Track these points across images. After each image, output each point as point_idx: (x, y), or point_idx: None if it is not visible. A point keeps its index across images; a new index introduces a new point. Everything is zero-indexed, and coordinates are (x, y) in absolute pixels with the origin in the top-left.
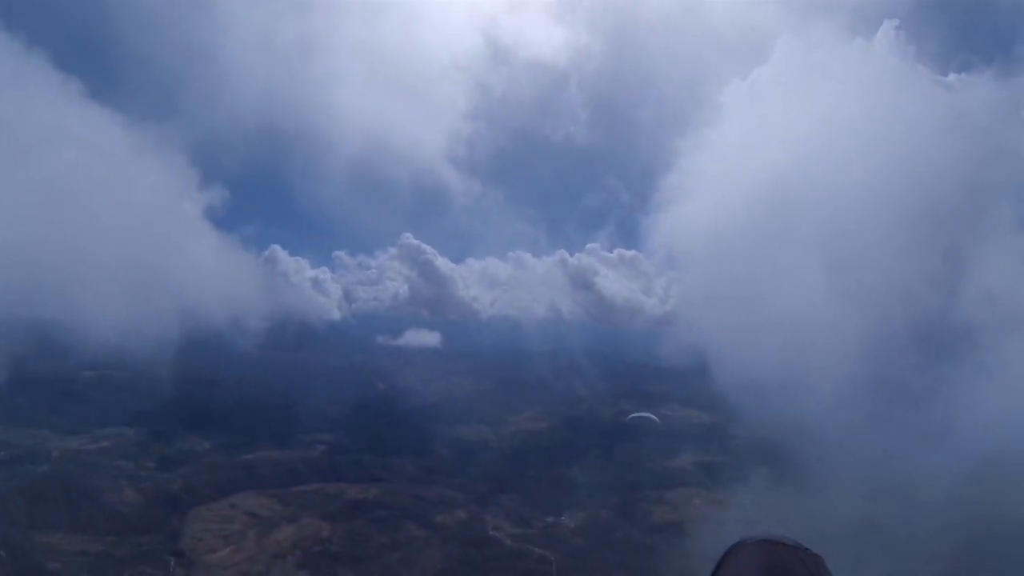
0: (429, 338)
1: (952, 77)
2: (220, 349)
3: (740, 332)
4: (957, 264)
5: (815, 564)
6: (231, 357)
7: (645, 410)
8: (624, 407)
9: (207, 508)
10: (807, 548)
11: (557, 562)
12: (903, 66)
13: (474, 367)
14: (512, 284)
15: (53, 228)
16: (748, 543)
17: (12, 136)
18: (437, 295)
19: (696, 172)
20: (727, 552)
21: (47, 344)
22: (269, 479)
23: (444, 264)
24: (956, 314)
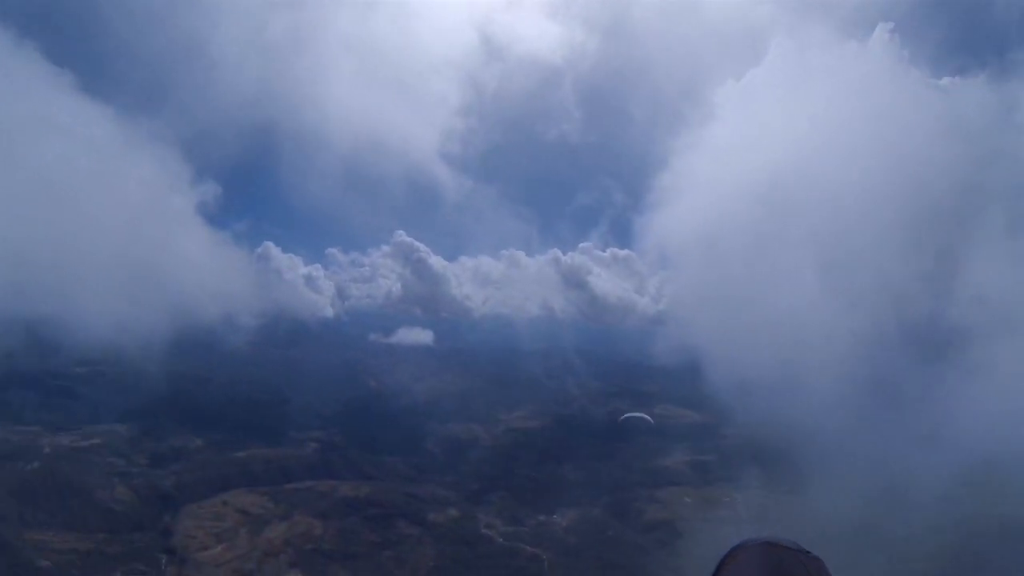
0: (422, 336)
1: (946, 81)
2: (212, 346)
3: (733, 332)
4: (950, 266)
5: (815, 567)
6: (223, 354)
7: (637, 409)
8: (616, 406)
9: (199, 505)
10: (808, 551)
11: (549, 560)
12: (897, 69)
13: (466, 365)
14: (505, 282)
15: (44, 223)
16: (749, 545)
17: (3, 129)
18: (430, 293)
19: (690, 172)
20: (727, 554)
21: (38, 340)
22: (261, 476)
23: (437, 262)
24: (948, 315)
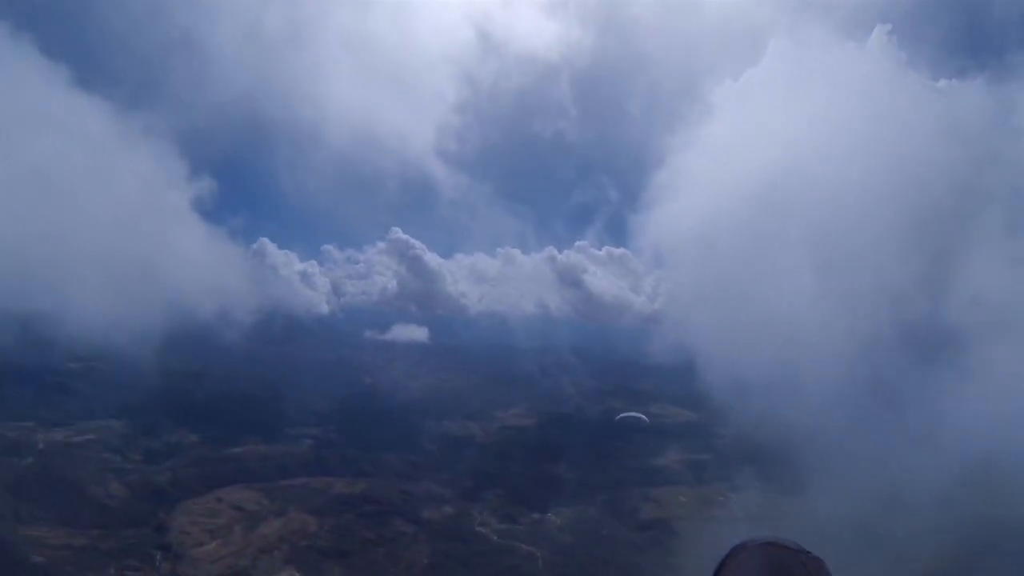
0: (417, 333)
1: (943, 83)
2: (207, 342)
3: (728, 331)
4: (947, 267)
5: (816, 567)
6: (218, 350)
7: (632, 408)
8: (611, 404)
9: (194, 502)
10: (808, 551)
11: (543, 558)
12: (895, 70)
13: (462, 363)
14: (500, 280)
15: (38, 218)
16: (749, 545)
17: None
18: (425, 290)
19: (686, 171)
20: (728, 554)
21: (32, 335)
22: (256, 473)
23: (432, 259)
24: (945, 316)
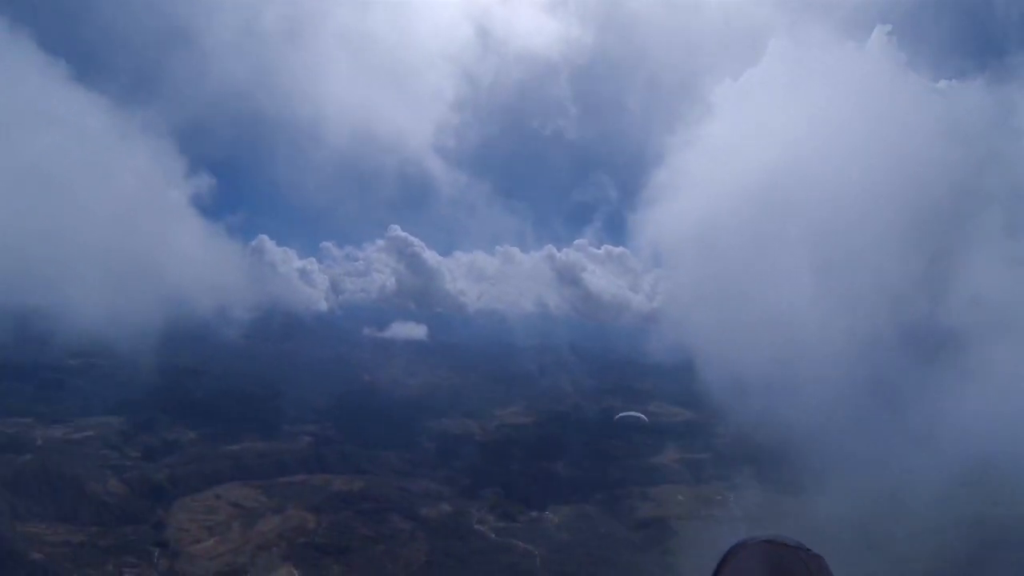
0: (416, 331)
1: (943, 83)
2: (206, 339)
3: (727, 331)
4: (946, 267)
5: (817, 565)
6: (217, 347)
7: (631, 407)
8: (610, 403)
9: (192, 498)
10: (809, 549)
11: (541, 556)
12: (895, 71)
13: (460, 361)
14: (499, 278)
15: (36, 214)
16: (750, 543)
17: None
18: (424, 288)
19: (685, 170)
20: (728, 552)
21: (30, 332)
22: (254, 470)
23: (431, 257)
24: (944, 317)
